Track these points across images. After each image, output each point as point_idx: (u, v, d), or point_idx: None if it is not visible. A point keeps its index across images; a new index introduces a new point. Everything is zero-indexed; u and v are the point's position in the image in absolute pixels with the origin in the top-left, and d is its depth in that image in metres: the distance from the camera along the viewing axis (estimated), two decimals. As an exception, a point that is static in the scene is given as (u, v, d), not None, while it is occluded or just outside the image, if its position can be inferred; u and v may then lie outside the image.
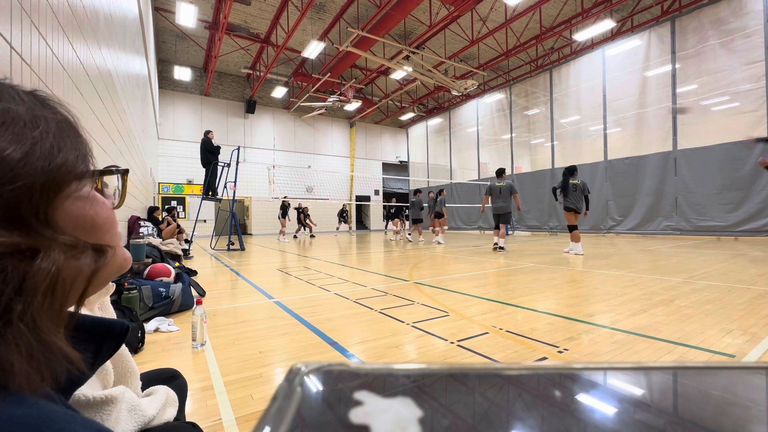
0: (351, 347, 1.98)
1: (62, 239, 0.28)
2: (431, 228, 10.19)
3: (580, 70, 12.40)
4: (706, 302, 2.72)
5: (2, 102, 0.27)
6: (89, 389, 0.44)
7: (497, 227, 7.30)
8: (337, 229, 18.21)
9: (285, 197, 12.57)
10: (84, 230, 0.31)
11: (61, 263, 0.27)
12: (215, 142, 8.36)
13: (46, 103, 0.31)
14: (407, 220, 19.97)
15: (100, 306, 0.57)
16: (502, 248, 7.16)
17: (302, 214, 13.91)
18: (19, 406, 0.23)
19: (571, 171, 6.67)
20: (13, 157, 0.25)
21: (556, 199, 6.81)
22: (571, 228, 6.41)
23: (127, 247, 3.85)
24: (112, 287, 0.48)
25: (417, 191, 10.71)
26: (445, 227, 10.43)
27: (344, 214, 17.63)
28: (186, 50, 15.04)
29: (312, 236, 14.23)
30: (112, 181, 0.38)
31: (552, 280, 3.89)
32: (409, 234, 11.10)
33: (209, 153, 8.09)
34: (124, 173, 0.40)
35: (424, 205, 10.70)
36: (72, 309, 0.31)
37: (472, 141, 17.36)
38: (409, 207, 10.56)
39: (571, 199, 6.53)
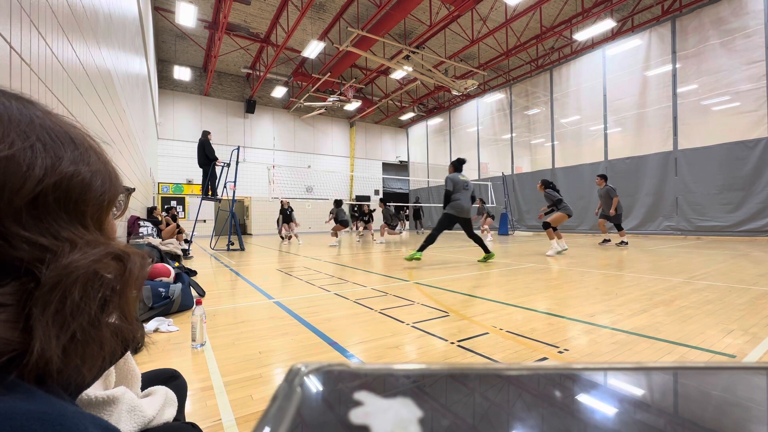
0: (351, 347, 1.98)
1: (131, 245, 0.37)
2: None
3: (581, 70, 12.40)
4: (706, 302, 2.72)
5: (71, 129, 0.34)
6: (91, 389, 0.45)
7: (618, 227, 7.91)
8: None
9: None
10: (112, 237, 0.39)
11: (141, 265, 0.36)
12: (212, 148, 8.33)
13: (85, 131, 0.38)
14: (407, 220, 20.01)
15: None
16: (625, 243, 7.68)
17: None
18: (34, 401, 0.24)
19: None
20: (97, 181, 0.34)
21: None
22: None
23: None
24: None
25: (417, 199, 11.46)
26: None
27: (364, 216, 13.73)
28: (186, 50, 15.03)
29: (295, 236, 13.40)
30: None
31: (552, 280, 3.89)
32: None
33: (207, 156, 8.08)
34: (131, 192, 0.48)
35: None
36: None
37: (472, 141, 17.36)
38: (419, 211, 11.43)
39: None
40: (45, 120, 0.32)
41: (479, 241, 5.48)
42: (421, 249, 5.11)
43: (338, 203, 10.18)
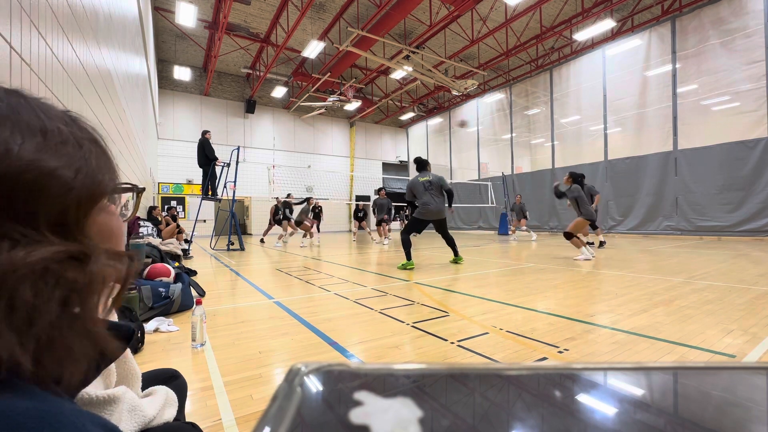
0: (351, 347, 1.98)
1: (105, 246, 0.34)
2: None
3: (581, 70, 12.39)
4: (706, 302, 2.72)
5: (53, 121, 0.32)
6: (92, 388, 0.45)
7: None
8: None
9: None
10: (104, 239, 0.36)
11: (108, 267, 0.33)
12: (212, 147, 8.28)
13: (80, 125, 0.35)
14: (406, 220, 20.00)
15: None
16: (603, 243, 7.43)
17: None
18: (31, 399, 0.23)
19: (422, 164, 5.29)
20: (67, 175, 0.31)
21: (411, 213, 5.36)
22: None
23: (127, 247, 3.86)
24: None
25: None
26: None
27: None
28: (186, 50, 15.03)
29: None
30: (125, 195, 0.42)
31: (552, 280, 3.89)
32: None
33: (207, 156, 8.07)
34: (141, 191, 0.46)
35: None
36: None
37: (472, 141, 17.36)
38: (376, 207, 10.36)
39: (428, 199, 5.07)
40: (11, 109, 0.30)
41: (452, 243, 5.34)
42: (408, 257, 4.94)
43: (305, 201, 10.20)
